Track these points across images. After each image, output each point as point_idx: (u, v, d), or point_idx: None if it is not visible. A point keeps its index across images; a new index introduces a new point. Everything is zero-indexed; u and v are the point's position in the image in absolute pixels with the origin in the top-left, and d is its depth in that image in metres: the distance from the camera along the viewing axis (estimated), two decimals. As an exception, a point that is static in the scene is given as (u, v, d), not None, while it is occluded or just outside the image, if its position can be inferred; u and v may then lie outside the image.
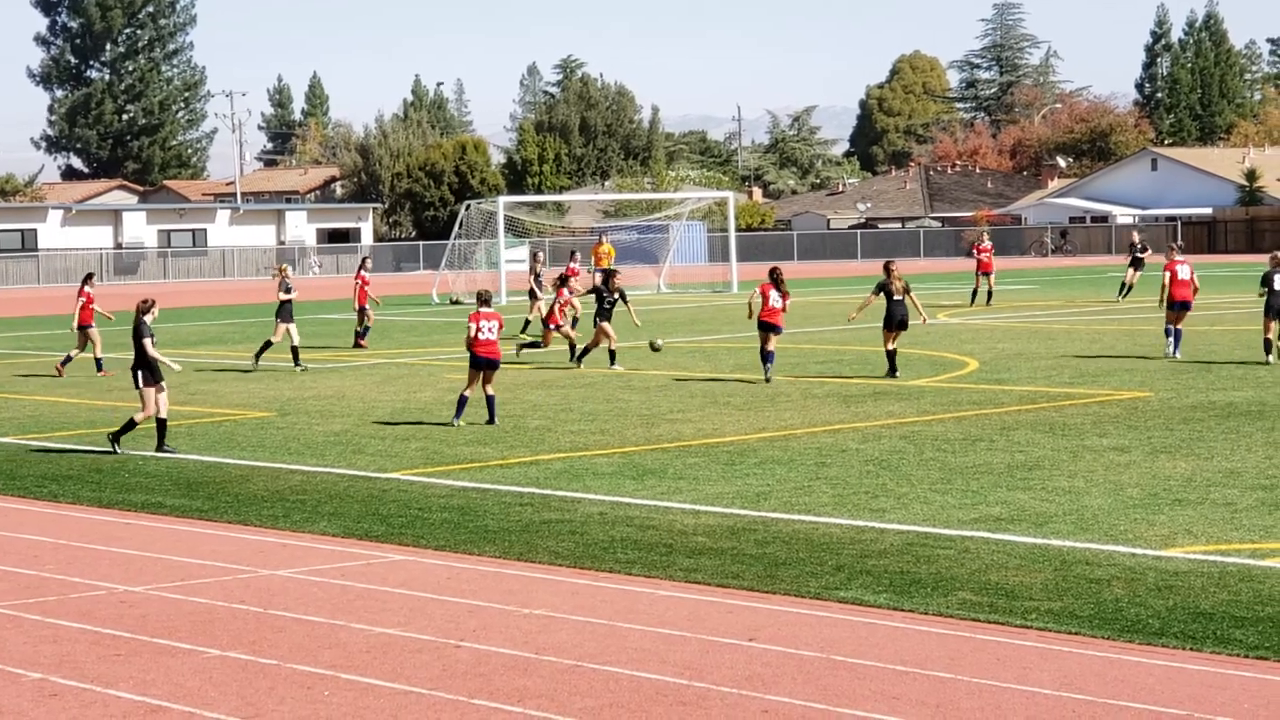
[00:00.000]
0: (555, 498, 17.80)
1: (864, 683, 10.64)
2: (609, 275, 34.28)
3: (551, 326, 33.96)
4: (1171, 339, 32.28)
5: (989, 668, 10.93)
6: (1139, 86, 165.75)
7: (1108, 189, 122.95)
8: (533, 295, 43.17)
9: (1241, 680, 10.49)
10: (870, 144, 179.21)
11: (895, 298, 29.57)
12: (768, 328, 29.26)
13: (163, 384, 22.21)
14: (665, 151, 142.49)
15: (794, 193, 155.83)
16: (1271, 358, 30.15)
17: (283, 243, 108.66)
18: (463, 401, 24.12)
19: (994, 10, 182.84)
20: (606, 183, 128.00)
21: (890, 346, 29.53)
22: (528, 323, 42.40)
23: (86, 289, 35.20)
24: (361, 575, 14.31)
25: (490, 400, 24.18)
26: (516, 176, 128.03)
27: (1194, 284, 33.17)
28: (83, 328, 34.85)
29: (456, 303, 37.64)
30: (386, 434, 23.52)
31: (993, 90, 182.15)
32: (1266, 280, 30.44)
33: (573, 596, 13.31)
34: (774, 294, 29.40)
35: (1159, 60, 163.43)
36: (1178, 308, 32.57)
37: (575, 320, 37.01)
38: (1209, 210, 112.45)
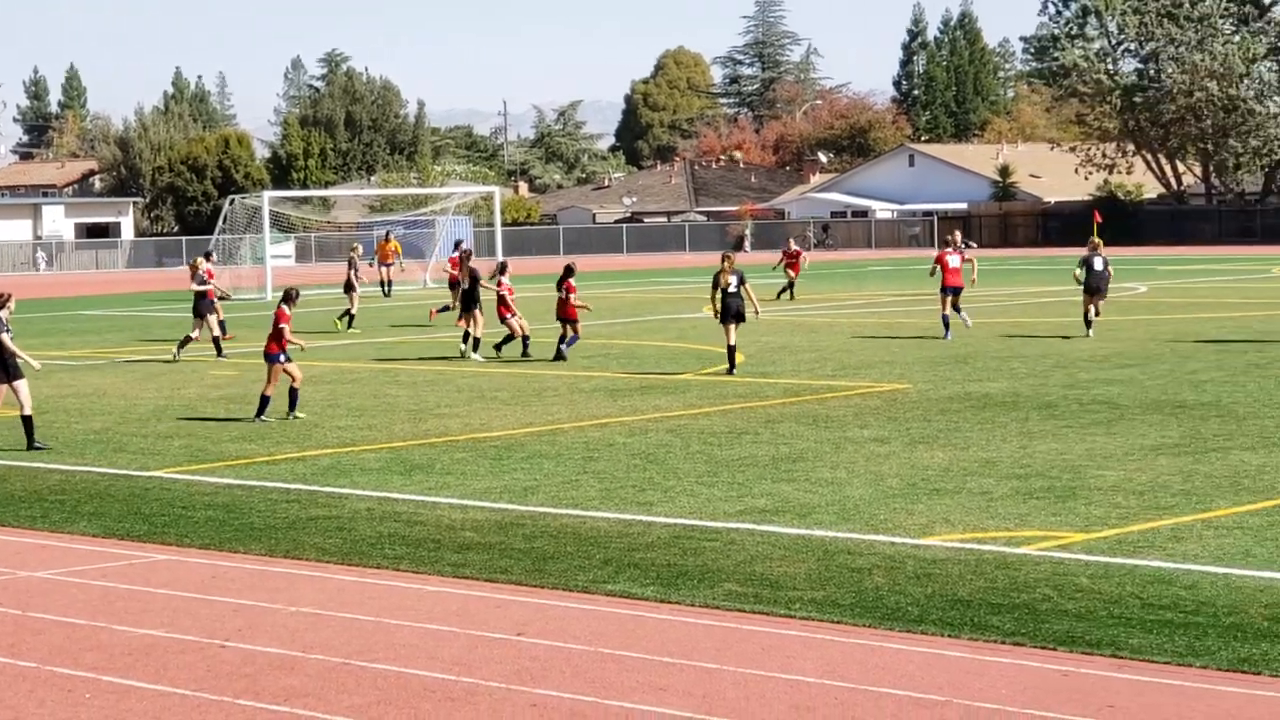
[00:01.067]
0: (322, 494, 17.68)
1: (632, 674, 10.73)
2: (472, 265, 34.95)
3: (503, 317, 33.52)
4: (950, 323, 35.22)
5: (754, 657, 11.08)
6: (897, 84, 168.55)
7: (867, 184, 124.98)
8: (350, 288, 43.96)
9: (999, 666, 10.76)
10: (636, 138, 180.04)
11: (730, 290, 29.33)
12: (568, 321, 31.47)
13: (16, 382, 21.40)
14: (431, 146, 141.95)
15: (560, 187, 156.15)
16: (1091, 333, 33.43)
17: (39, 237, 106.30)
18: (265, 401, 23.92)
19: (756, 7, 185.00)
20: (372, 178, 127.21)
21: (731, 342, 29.15)
22: (351, 316, 42.60)
23: None
24: (123, 575, 14.09)
25: (293, 393, 24.09)
26: (281, 171, 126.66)
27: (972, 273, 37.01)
28: None
29: (224, 298, 37.21)
30: (149, 431, 23.17)
31: (755, 86, 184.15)
32: (1086, 263, 34.59)
33: (339, 593, 13.23)
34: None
35: (916, 58, 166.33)
36: (949, 292, 35.55)
37: (448, 309, 38.01)
38: (964, 205, 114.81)
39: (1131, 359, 29.85)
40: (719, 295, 29.28)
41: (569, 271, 32.87)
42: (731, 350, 29.13)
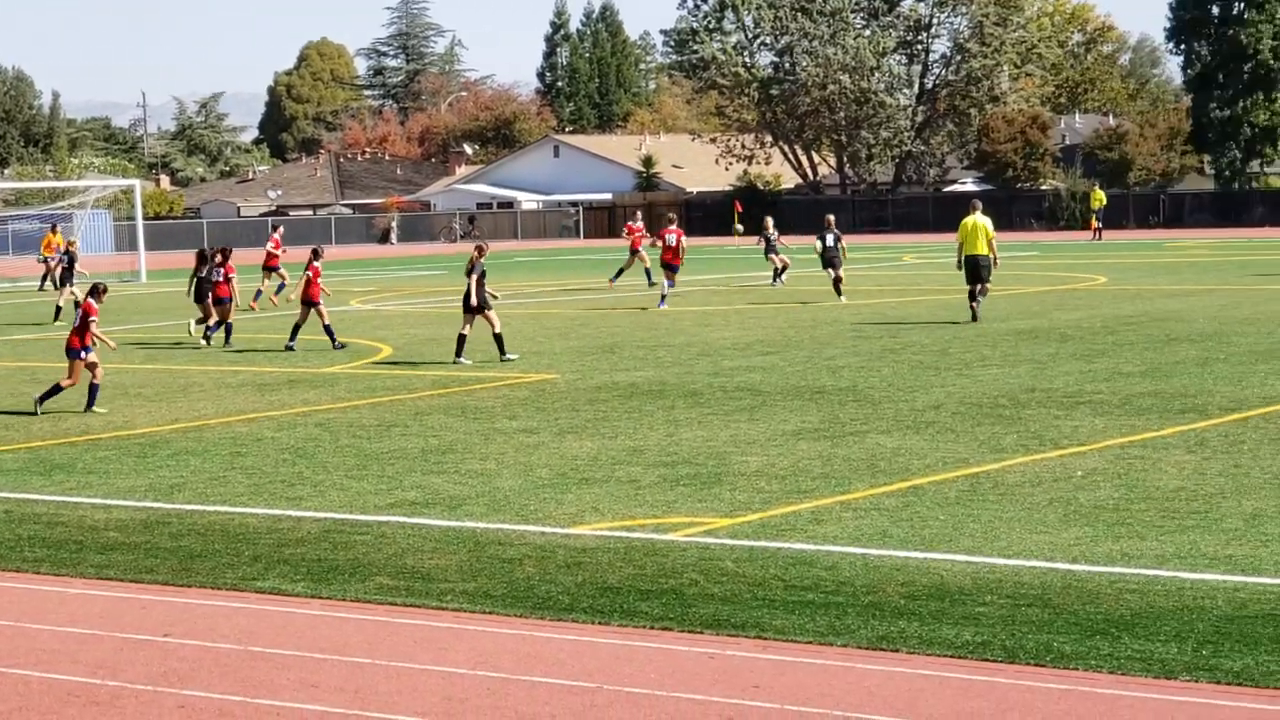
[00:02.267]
0: (-44, 498, 17.11)
1: (283, 672, 10.64)
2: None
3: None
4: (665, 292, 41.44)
5: (407, 650, 11.08)
6: (540, 75, 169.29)
7: (513, 175, 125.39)
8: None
9: (647, 650, 10.94)
10: (280, 131, 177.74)
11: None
12: (312, 303, 32.26)
13: None
14: (68, 139, 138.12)
15: (204, 180, 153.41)
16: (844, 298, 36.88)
17: None
18: (55, 390, 23.49)
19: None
20: (5, 171, 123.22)
21: (465, 331, 29.70)
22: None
23: None
24: None
25: (93, 389, 23.59)
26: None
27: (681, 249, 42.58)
28: None
29: None
30: None
31: (400, 78, 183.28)
32: (822, 238, 41.53)
33: (-22, 600, 12.84)
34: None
35: (559, 50, 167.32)
36: (668, 268, 41.86)
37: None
38: (609, 195, 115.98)
39: (772, 346, 30.53)
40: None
41: (315, 254, 33.38)
42: (497, 338, 29.57)
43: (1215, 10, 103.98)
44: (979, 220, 35.51)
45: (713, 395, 23.69)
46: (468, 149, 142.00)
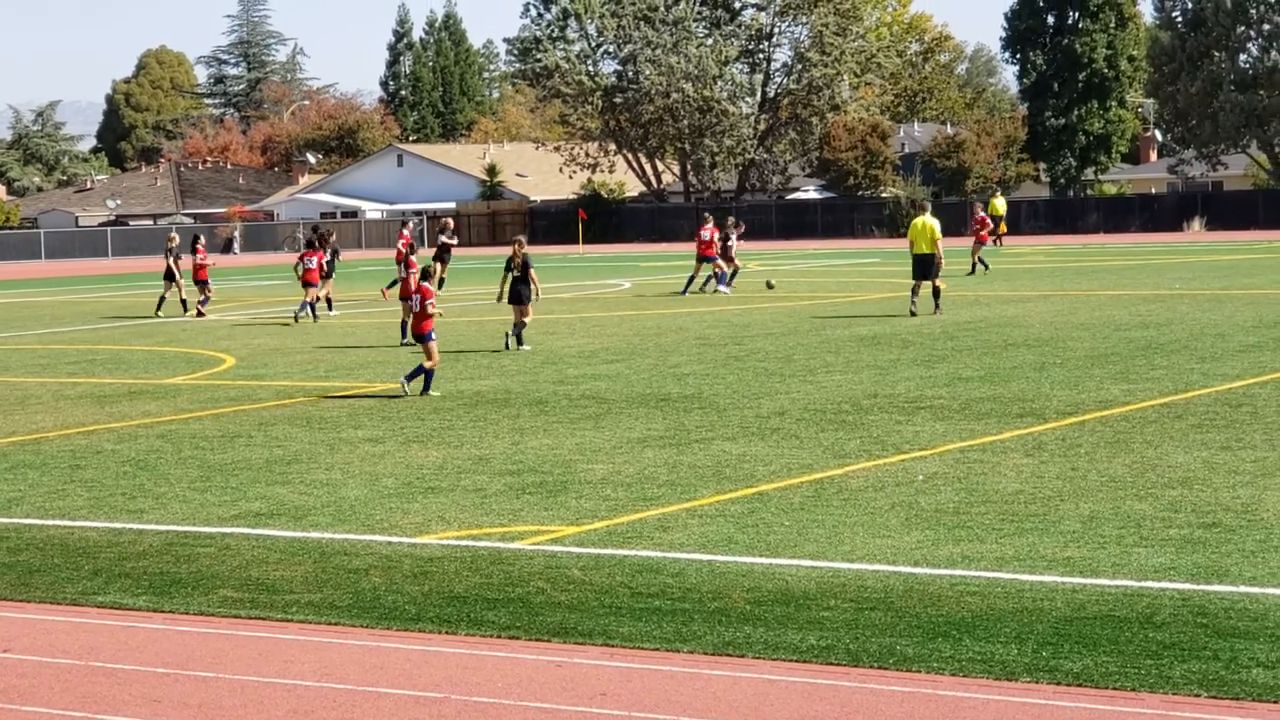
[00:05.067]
0: None
1: (125, 688, 10.51)
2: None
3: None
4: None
5: (252, 663, 11.00)
6: (384, 84, 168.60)
7: (357, 185, 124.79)
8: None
9: (495, 660, 10.93)
10: (119, 139, 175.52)
11: (516, 274, 31.46)
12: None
13: None
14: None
15: (40, 190, 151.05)
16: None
17: None
18: None
19: (240, 6, 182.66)
20: None
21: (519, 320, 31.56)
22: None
23: None
24: None
25: None
26: None
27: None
28: None
29: None
30: None
31: (242, 86, 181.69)
32: (724, 238, 46.81)
33: None
34: None
35: (402, 58, 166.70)
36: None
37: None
38: (453, 204, 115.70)
39: (618, 354, 30.62)
40: (508, 279, 32.00)
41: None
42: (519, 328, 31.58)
43: (1050, 20, 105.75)
44: (928, 221, 37.46)
45: (558, 403, 23.71)
46: (311, 158, 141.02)
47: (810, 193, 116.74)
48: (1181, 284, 45.53)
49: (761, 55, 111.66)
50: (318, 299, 41.70)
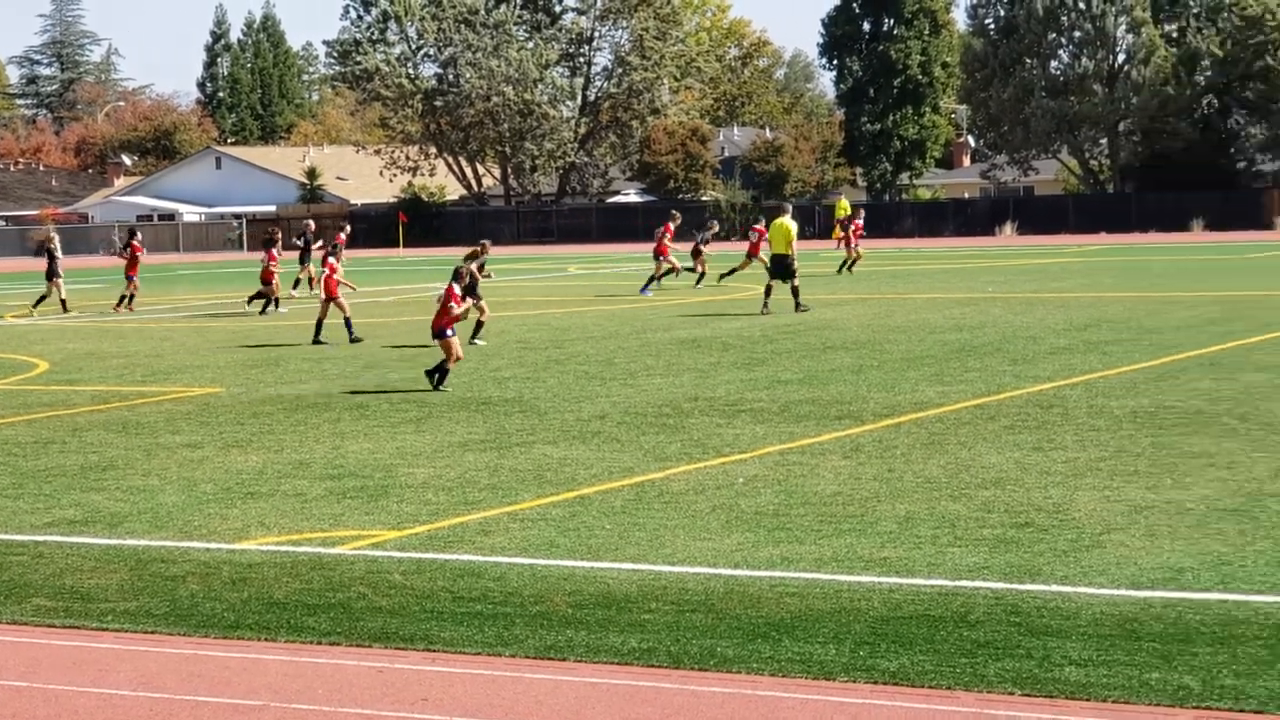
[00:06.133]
0: None
1: (-64, 699, 10.31)
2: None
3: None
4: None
5: (66, 673, 10.83)
6: (201, 85, 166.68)
7: (174, 187, 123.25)
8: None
9: (315, 666, 10.86)
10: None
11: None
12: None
13: None
14: None
15: None
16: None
17: None
18: None
19: (52, 5, 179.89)
20: None
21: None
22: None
23: None
24: None
25: None
26: None
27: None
28: None
29: None
30: None
31: (55, 87, 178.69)
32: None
33: None
34: None
35: (220, 60, 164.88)
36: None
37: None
38: (273, 207, 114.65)
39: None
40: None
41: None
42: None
43: (866, 27, 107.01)
44: (786, 223, 38.96)
45: (379, 407, 23.60)
46: (126, 160, 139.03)
47: (631, 196, 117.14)
48: (994, 287, 46.28)
49: (582, 59, 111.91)
50: (278, 296, 44.32)
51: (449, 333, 25.58)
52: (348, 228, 49.99)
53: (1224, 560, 12.69)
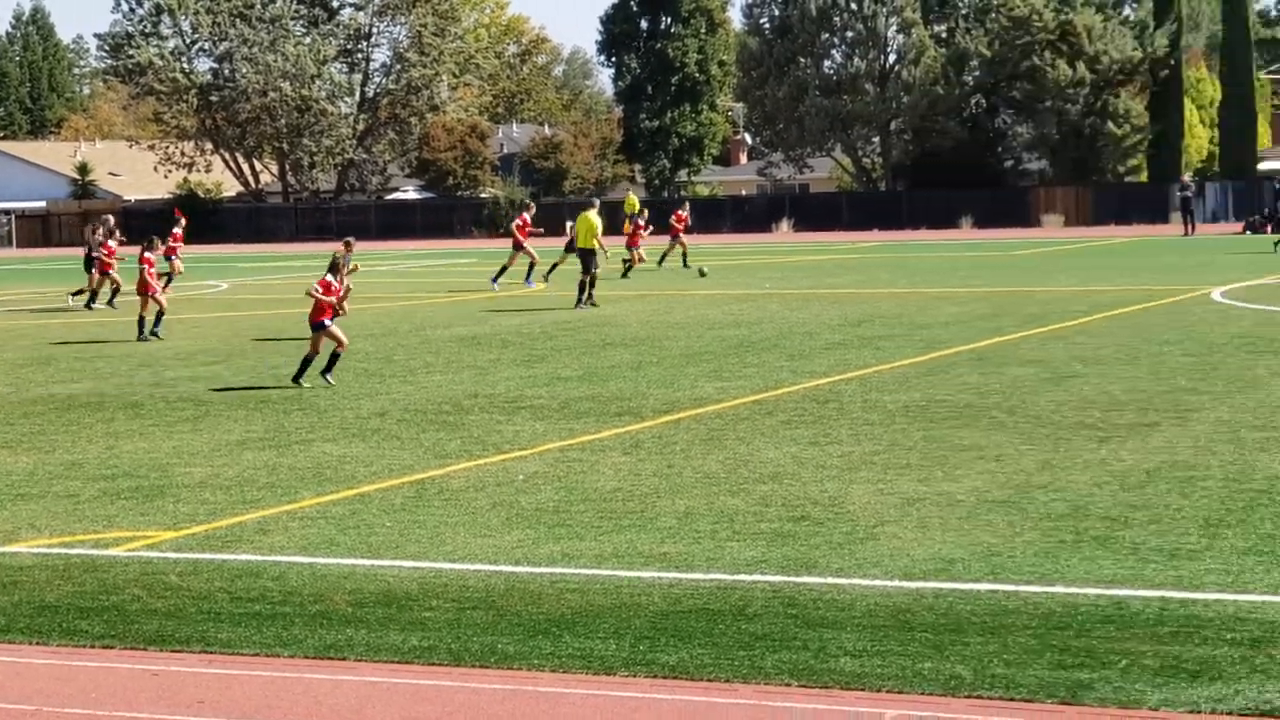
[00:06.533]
0: None
1: None
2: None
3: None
4: None
5: None
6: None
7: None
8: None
9: (88, 670, 10.69)
10: None
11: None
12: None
13: None
14: None
15: None
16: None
17: None
18: None
19: None
20: None
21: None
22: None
23: None
24: None
25: None
26: None
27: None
28: None
29: None
30: None
31: None
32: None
33: None
34: None
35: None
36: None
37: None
38: (43, 203, 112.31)
39: (217, 355, 30.15)
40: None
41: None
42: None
43: (644, 25, 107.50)
44: (590, 217, 40.89)
45: (154, 406, 23.25)
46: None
47: (410, 193, 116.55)
48: (771, 284, 46.79)
49: (360, 55, 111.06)
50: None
51: (327, 323, 25.30)
52: (184, 220, 49.35)
53: (994, 551, 12.98)
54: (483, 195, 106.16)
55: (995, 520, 14.13)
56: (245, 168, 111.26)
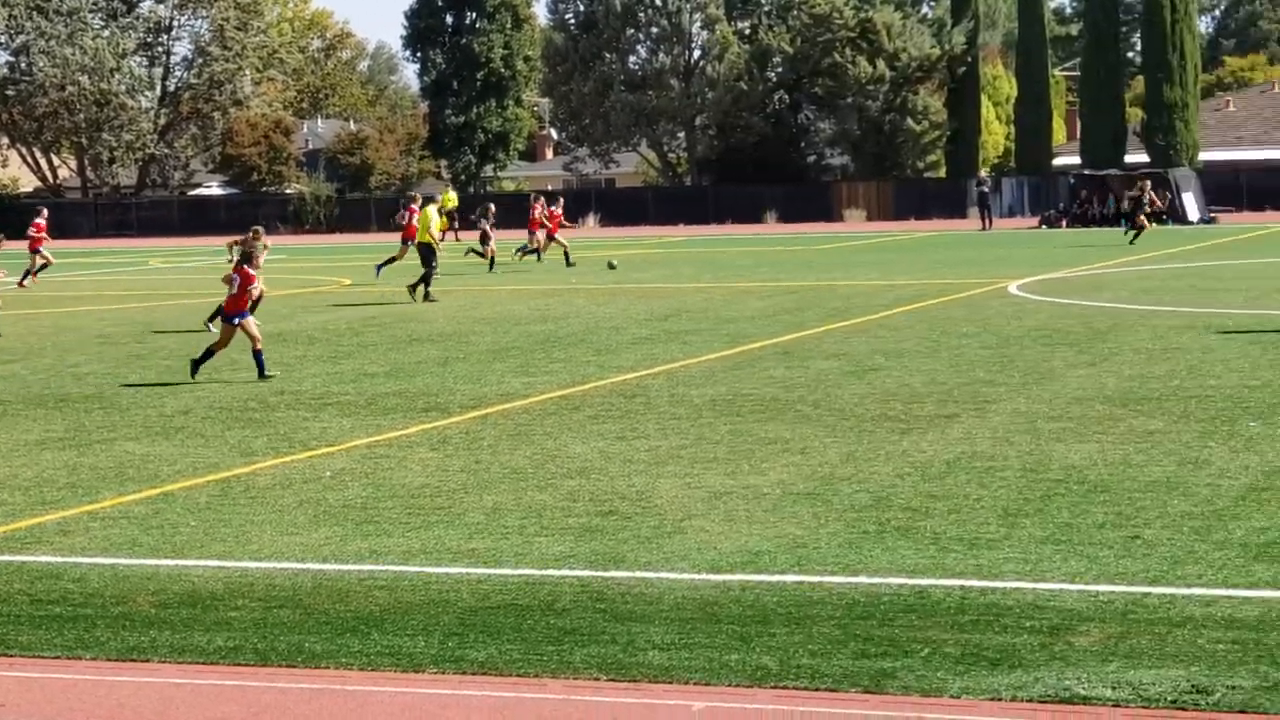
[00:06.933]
0: None
1: None
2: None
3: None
4: None
5: None
6: None
7: None
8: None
9: (-116, 675, 10.47)
10: None
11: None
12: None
13: None
14: None
15: None
16: None
17: None
18: None
19: None
20: None
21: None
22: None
23: None
24: None
25: None
26: None
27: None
28: None
29: None
30: None
31: None
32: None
33: None
34: None
35: None
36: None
37: None
38: None
39: (13, 354, 29.59)
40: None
41: None
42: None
43: (449, 20, 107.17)
44: (429, 212, 41.63)
45: (-51, 407, 22.77)
46: None
47: (214, 189, 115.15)
48: (577, 279, 46.89)
49: (161, 48, 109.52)
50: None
51: (246, 314, 24.91)
52: (44, 210, 49.45)
53: (799, 543, 13.14)
54: (288, 191, 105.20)
55: (801, 512, 14.29)
56: (43, 163, 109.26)
